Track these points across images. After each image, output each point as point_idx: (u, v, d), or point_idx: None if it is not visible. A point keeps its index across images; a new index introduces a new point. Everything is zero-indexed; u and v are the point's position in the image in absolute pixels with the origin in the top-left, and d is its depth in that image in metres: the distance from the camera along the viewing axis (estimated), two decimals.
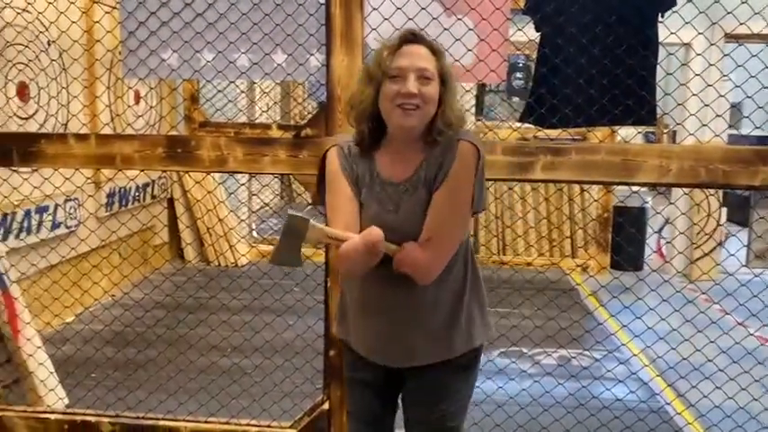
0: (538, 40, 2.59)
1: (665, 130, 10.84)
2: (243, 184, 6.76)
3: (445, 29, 2.48)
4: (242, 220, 6.28)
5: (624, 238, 6.04)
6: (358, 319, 1.86)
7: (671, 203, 5.40)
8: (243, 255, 6.43)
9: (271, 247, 6.30)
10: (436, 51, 1.71)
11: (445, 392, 1.85)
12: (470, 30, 2.50)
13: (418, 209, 1.71)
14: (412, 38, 1.71)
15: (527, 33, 2.59)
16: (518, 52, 5.39)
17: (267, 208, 8.41)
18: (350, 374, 1.99)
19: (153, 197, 5.93)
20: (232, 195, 6.28)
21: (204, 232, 6.34)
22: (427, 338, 1.79)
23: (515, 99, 7.59)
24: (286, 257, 1.70)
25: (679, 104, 3.23)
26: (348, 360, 1.97)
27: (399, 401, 1.96)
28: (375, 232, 1.62)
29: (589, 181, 2.50)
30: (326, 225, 1.80)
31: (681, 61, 2.53)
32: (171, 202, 6.34)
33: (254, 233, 7.23)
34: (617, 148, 2.46)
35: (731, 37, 5.04)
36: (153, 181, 5.89)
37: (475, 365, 1.88)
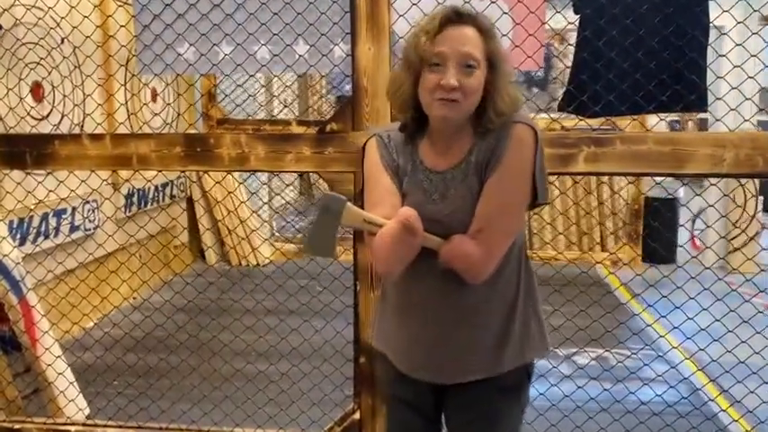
0: (577, 23, 2.42)
1: (689, 118, 10.52)
2: (265, 184, 6.63)
3: (477, 13, 2.32)
4: (264, 222, 6.16)
5: (656, 230, 5.84)
6: (397, 328, 1.68)
7: (697, 194, 5.18)
8: (267, 258, 6.32)
9: (293, 246, 6.23)
10: (485, 31, 1.50)
11: (494, 417, 1.66)
12: (505, 13, 2.34)
13: (468, 198, 1.53)
14: (455, 17, 1.49)
15: (566, 16, 2.43)
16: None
17: (288, 206, 8.31)
18: (389, 391, 1.81)
19: (172, 197, 5.84)
20: (254, 195, 6.18)
21: (226, 234, 6.23)
22: (475, 351, 1.60)
23: (534, 90, 7.38)
24: (320, 245, 1.54)
25: (705, 88, 3.02)
26: (387, 375, 1.78)
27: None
28: (408, 209, 1.46)
29: (635, 173, 2.34)
30: None
31: (711, 46, 2.33)
32: (190, 201, 6.24)
33: (275, 232, 7.11)
34: (665, 137, 2.29)
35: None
36: (171, 181, 5.79)
37: (526, 385, 1.68)
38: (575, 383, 2.68)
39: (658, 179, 5.69)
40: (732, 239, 5.78)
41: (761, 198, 6.07)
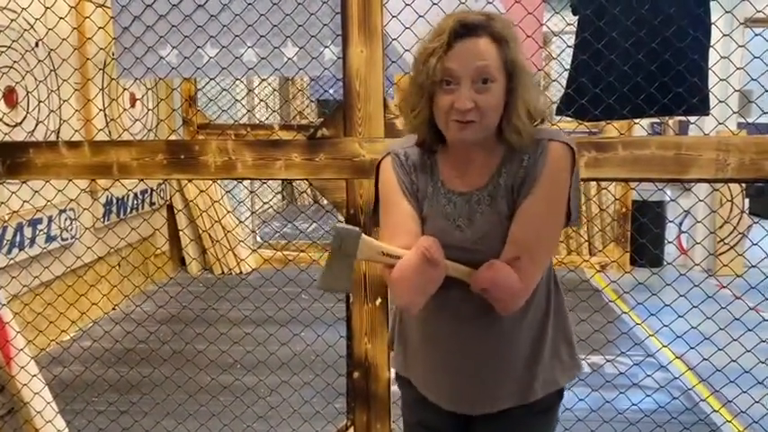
0: (576, 25, 2.35)
1: (670, 123, 10.55)
2: (251, 192, 6.47)
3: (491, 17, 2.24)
4: (240, 221, 6.01)
5: (643, 232, 5.81)
6: (422, 358, 1.57)
7: (673, 200, 5.16)
8: (249, 265, 6.17)
9: (275, 252, 6.11)
10: (500, 38, 1.34)
11: None
12: (502, 14, 2.25)
13: (497, 224, 1.40)
14: (463, 30, 1.33)
15: (565, 17, 2.36)
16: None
17: (270, 209, 8.17)
18: (409, 418, 1.70)
19: (152, 205, 5.68)
20: (229, 194, 6.03)
21: (209, 245, 6.08)
22: (504, 381, 1.50)
23: None
24: (336, 280, 1.41)
25: (707, 91, 2.98)
26: (407, 400, 1.68)
27: None
28: (428, 239, 1.35)
29: (638, 178, 2.26)
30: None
31: (714, 48, 2.28)
32: (170, 209, 6.08)
33: (258, 237, 6.97)
34: (669, 141, 2.22)
35: (755, 22, 4.81)
36: (151, 189, 5.64)
37: (556, 407, 1.59)
38: (570, 391, 2.61)
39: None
40: (719, 241, 5.79)
41: (746, 200, 6.09)
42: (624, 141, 2.22)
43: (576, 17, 2.38)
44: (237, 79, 2.41)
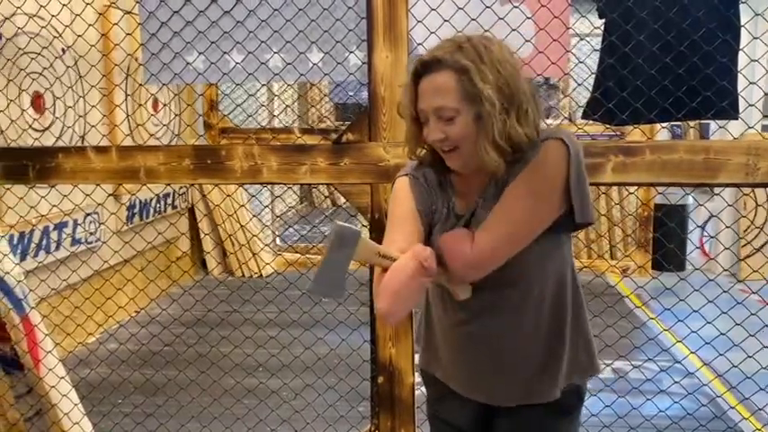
0: (602, 28, 2.34)
1: (692, 124, 10.43)
2: (277, 197, 6.52)
3: (500, 18, 2.24)
4: (266, 226, 6.04)
5: (665, 237, 5.75)
6: (447, 355, 1.60)
7: (700, 205, 5.10)
8: (269, 264, 6.19)
9: (297, 256, 6.13)
10: (460, 69, 1.34)
11: None
12: (528, 18, 2.25)
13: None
14: (422, 69, 1.39)
15: (591, 20, 2.35)
16: None
17: (292, 211, 8.20)
18: (433, 411, 1.73)
19: (174, 207, 5.73)
20: (254, 198, 6.07)
21: (226, 241, 6.12)
22: (524, 374, 1.52)
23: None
24: (329, 284, 1.37)
25: (737, 95, 2.94)
26: (432, 394, 1.71)
27: None
28: (424, 249, 1.34)
29: (666, 183, 2.24)
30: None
31: (743, 51, 2.25)
32: (192, 212, 6.13)
33: (278, 240, 7.00)
34: (698, 145, 2.20)
35: None
36: (174, 191, 5.69)
37: (579, 408, 1.61)
38: (590, 393, 2.61)
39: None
40: (744, 245, 5.71)
41: None
42: (652, 146, 2.21)
43: (603, 20, 2.36)
44: (263, 85, 2.42)
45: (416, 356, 1.80)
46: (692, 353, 2.57)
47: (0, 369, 2.85)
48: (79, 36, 2.58)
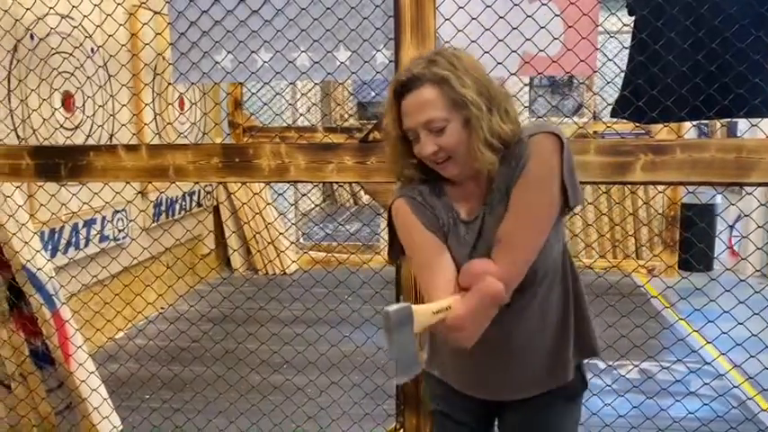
0: (632, 25, 2.31)
1: (720, 123, 10.24)
2: (291, 183, 6.55)
3: (528, 16, 2.23)
4: (293, 224, 6.08)
5: (694, 236, 5.67)
6: (452, 356, 1.63)
7: (732, 204, 5.01)
8: (294, 261, 6.23)
9: (322, 254, 6.15)
10: (439, 80, 1.39)
11: (551, 423, 1.62)
12: (556, 16, 2.23)
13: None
14: (401, 88, 1.42)
15: (620, 17, 2.32)
16: None
17: (317, 209, 8.24)
18: (437, 407, 1.75)
19: (199, 205, 5.79)
20: (280, 197, 6.11)
21: (250, 239, 6.18)
22: (532, 370, 1.56)
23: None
24: (407, 363, 1.34)
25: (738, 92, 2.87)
26: (436, 392, 1.74)
27: None
28: (494, 284, 1.35)
29: (696, 182, 2.21)
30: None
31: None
32: (217, 209, 6.19)
33: (302, 238, 7.04)
34: (729, 144, 2.16)
35: None
36: (199, 189, 5.75)
37: (581, 395, 1.65)
38: (617, 394, 2.59)
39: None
40: None
41: None
42: (682, 144, 2.17)
43: (633, 17, 2.33)
44: (291, 83, 2.43)
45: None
46: (721, 354, 2.53)
47: (32, 363, 2.92)
48: (110, 36, 2.62)
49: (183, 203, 5.43)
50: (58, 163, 2.48)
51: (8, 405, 2.90)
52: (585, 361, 1.65)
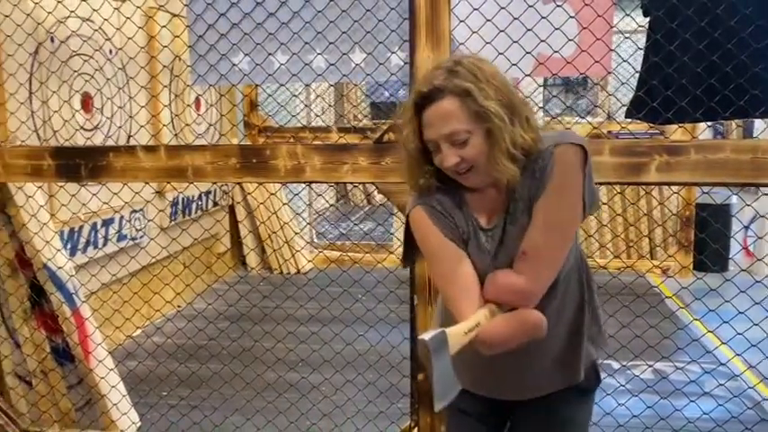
0: (647, 26, 2.32)
1: (736, 123, 10.16)
2: (307, 184, 6.60)
3: (542, 17, 2.24)
4: (308, 224, 6.12)
5: (709, 237, 5.63)
6: (473, 357, 1.58)
7: (747, 205, 4.97)
8: (308, 260, 6.27)
9: (336, 253, 6.19)
10: (461, 92, 1.37)
11: (567, 425, 1.65)
12: (571, 17, 2.24)
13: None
14: (421, 101, 1.41)
15: (635, 18, 2.33)
16: None
17: (332, 209, 8.28)
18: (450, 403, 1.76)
19: (215, 204, 5.85)
20: (296, 197, 6.15)
21: (266, 238, 6.23)
22: (551, 366, 1.57)
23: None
24: (447, 388, 1.35)
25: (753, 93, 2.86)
26: None
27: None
28: (535, 316, 1.38)
29: (711, 183, 2.21)
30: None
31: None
32: (232, 209, 6.25)
33: (316, 238, 7.09)
34: (745, 145, 2.16)
35: None
36: (215, 189, 5.81)
37: (595, 387, 1.66)
38: (631, 394, 2.59)
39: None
40: None
41: None
42: (697, 145, 2.17)
43: (648, 18, 2.34)
44: (307, 85, 2.47)
45: None
46: (736, 355, 2.52)
47: (53, 360, 2.97)
48: (129, 39, 2.66)
49: (200, 203, 5.49)
50: (78, 163, 2.53)
51: (30, 401, 2.95)
52: (600, 361, 1.66)
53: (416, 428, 2.45)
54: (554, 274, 1.43)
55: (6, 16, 2.64)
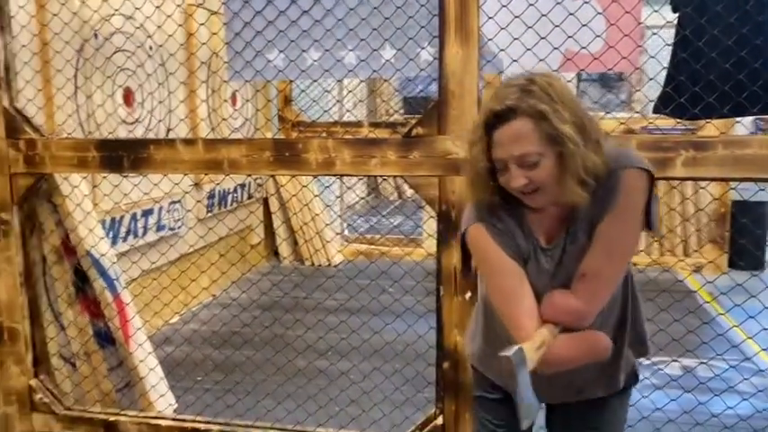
0: (675, 22, 2.33)
1: None
2: (337, 177, 6.71)
3: (570, 13, 2.27)
4: (338, 216, 6.22)
5: (742, 234, 5.56)
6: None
7: None
8: (339, 251, 6.38)
9: (365, 246, 6.27)
10: (535, 114, 1.35)
11: (603, 422, 1.67)
12: (599, 13, 2.27)
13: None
14: (495, 120, 1.38)
15: (663, 14, 2.34)
16: None
17: (362, 202, 8.35)
18: (482, 393, 1.80)
19: (249, 197, 6.00)
20: (327, 189, 6.25)
21: (297, 229, 6.35)
22: (592, 377, 1.58)
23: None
24: (531, 401, 1.39)
25: None
26: (483, 384, 1.78)
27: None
28: (600, 337, 1.42)
29: (738, 178, 2.22)
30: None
31: None
32: (266, 202, 6.39)
33: (346, 231, 7.19)
34: None
35: None
36: (250, 182, 5.95)
37: (633, 386, 1.69)
38: (662, 391, 2.61)
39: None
40: None
41: None
42: (724, 140, 2.18)
43: (676, 14, 2.35)
44: (338, 81, 2.54)
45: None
46: (762, 350, 2.52)
47: (95, 343, 3.11)
48: (169, 36, 2.77)
49: (235, 195, 5.64)
50: (121, 155, 2.65)
51: (74, 381, 3.10)
52: (640, 360, 1.68)
53: (441, 416, 2.51)
54: (609, 296, 1.46)
55: (54, 15, 2.77)
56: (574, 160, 1.35)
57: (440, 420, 2.51)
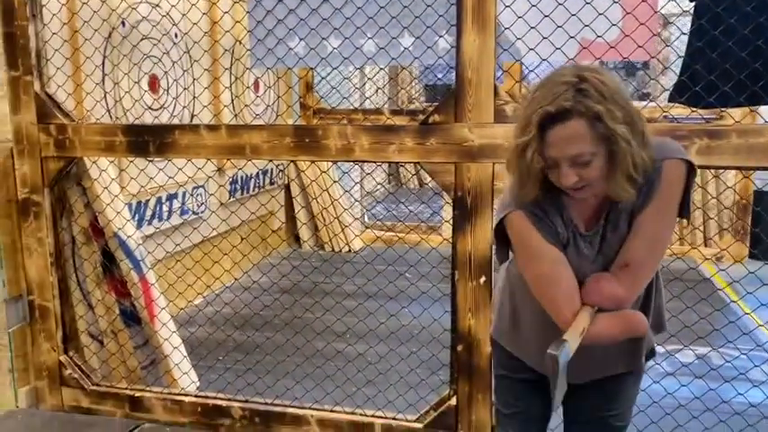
0: (692, 11, 2.34)
1: None
2: (356, 163, 6.78)
3: (587, 2, 2.29)
4: (357, 200, 6.29)
5: (762, 225, 5.51)
6: (537, 338, 1.69)
7: None
8: (357, 236, 6.46)
9: (384, 233, 6.33)
10: (590, 114, 1.35)
11: (618, 396, 1.74)
12: (615, 2, 2.29)
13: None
14: (551, 119, 1.37)
15: (679, 3, 2.36)
16: None
17: (381, 189, 8.41)
18: (505, 372, 1.85)
19: (271, 183, 6.09)
20: (346, 174, 6.32)
21: (317, 214, 6.44)
22: (614, 354, 1.65)
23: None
24: (565, 387, 1.46)
25: None
26: (504, 362, 1.84)
27: None
28: (637, 317, 1.49)
29: (752, 167, 2.23)
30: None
31: None
32: (288, 189, 6.48)
33: (366, 217, 7.26)
34: None
35: None
36: (272, 168, 6.05)
37: (651, 358, 1.76)
38: (678, 381, 2.63)
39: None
40: None
41: None
42: (739, 129, 2.19)
43: (693, 3, 2.36)
44: (358, 68, 2.59)
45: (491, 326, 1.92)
46: None
47: (121, 321, 3.22)
48: (194, 24, 2.84)
49: (257, 181, 5.73)
50: (147, 140, 2.74)
51: (101, 358, 3.22)
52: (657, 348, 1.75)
53: (455, 397, 2.57)
54: (647, 283, 1.53)
55: (84, 3, 2.86)
56: (625, 158, 1.38)
57: (453, 401, 2.58)
